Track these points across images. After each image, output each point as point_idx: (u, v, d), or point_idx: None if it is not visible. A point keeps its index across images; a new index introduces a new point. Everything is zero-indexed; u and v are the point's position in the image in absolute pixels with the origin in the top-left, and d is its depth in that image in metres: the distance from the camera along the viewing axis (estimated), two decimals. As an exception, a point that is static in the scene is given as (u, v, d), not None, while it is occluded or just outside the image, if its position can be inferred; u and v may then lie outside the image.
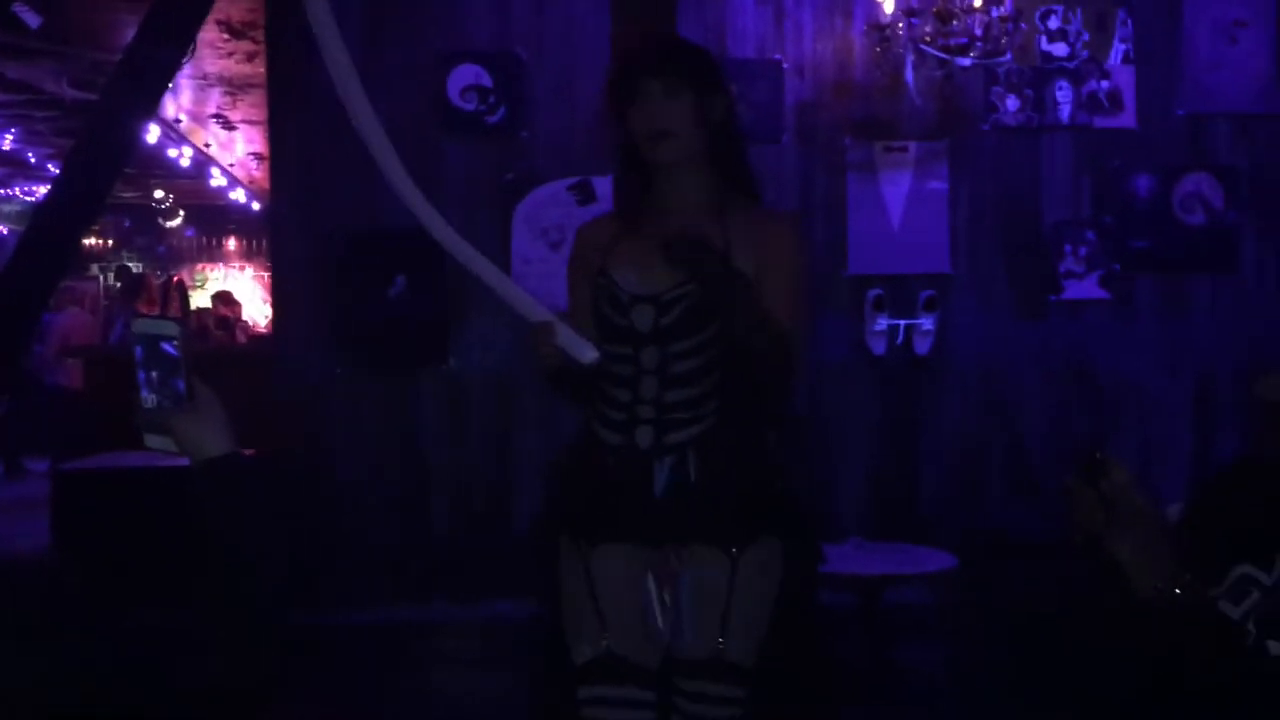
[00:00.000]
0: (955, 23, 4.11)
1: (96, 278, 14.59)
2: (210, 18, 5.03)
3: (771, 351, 2.16)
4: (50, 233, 4.48)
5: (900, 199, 4.91)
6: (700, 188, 2.24)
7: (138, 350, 1.43)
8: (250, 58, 6.43)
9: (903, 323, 4.90)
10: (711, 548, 2.20)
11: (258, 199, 12.56)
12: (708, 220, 2.21)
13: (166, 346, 1.41)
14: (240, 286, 14.06)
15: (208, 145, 9.77)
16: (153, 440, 1.45)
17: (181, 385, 1.40)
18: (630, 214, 2.30)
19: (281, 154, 4.87)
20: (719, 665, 2.19)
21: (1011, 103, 4.96)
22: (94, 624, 1.23)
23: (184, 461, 1.41)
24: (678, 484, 2.20)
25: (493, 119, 4.76)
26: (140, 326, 1.45)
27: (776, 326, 2.15)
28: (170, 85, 5.37)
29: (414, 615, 4.66)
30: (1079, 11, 4.97)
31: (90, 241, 14.04)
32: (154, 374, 1.42)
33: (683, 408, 2.21)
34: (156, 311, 8.25)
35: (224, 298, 11.33)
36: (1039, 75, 4.96)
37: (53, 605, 1.22)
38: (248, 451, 1.45)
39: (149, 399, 1.43)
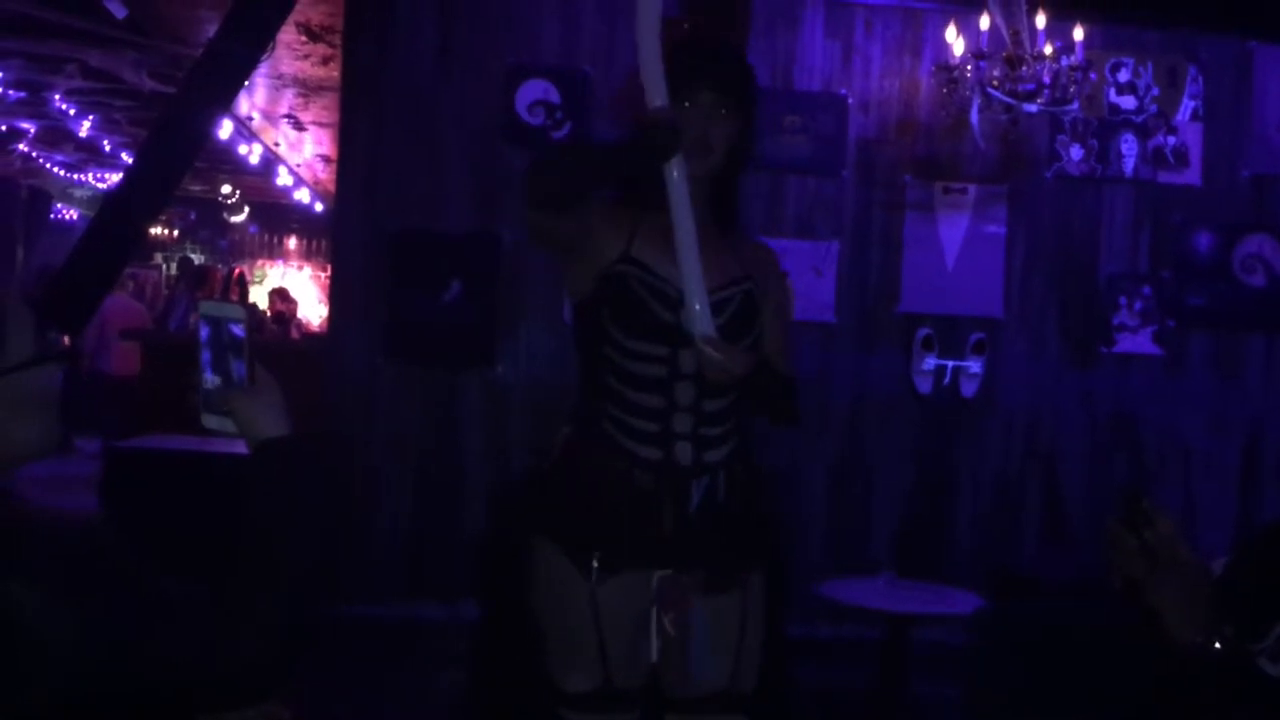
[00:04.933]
0: (1024, 68, 4.10)
1: (159, 266, 14.86)
2: (289, 19, 5.13)
3: (795, 410, 2.25)
4: (119, 220, 4.58)
5: (956, 240, 4.90)
6: (704, 202, 2.19)
7: (203, 331, 1.47)
8: (325, 61, 6.54)
9: (950, 363, 4.88)
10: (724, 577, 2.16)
11: (321, 200, 12.74)
12: (717, 238, 2.19)
13: (233, 328, 1.44)
14: (297, 285, 14.24)
15: (277, 144, 9.93)
16: (210, 420, 1.48)
17: (242, 367, 1.44)
18: (652, 205, 2.15)
19: (349, 156, 4.95)
20: (731, 696, 2.16)
21: (1075, 152, 4.94)
22: (135, 592, 1.25)
23: (237, 446, 1.44)
24: (707, 506, 2.13)
25: (559, 134, 4.81)
26: (207, 309, 1.49)
27: (789, 381, 2.23)
28: (246, 83, 5.48)
29: (440, 614, 4.69)
30: (1149, 66, 4.96)
31: (156, 231, 14.30)
32: (217, 355, 1.46)
33: (717, 420, 2.14)
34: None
35: (281, 294, 11.49)
36: (1105, 127, 4.95)
37: (97, 567, 1.24)
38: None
39: (210, 379, 1.47)
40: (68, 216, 14.56)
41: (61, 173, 12.70)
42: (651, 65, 2.08)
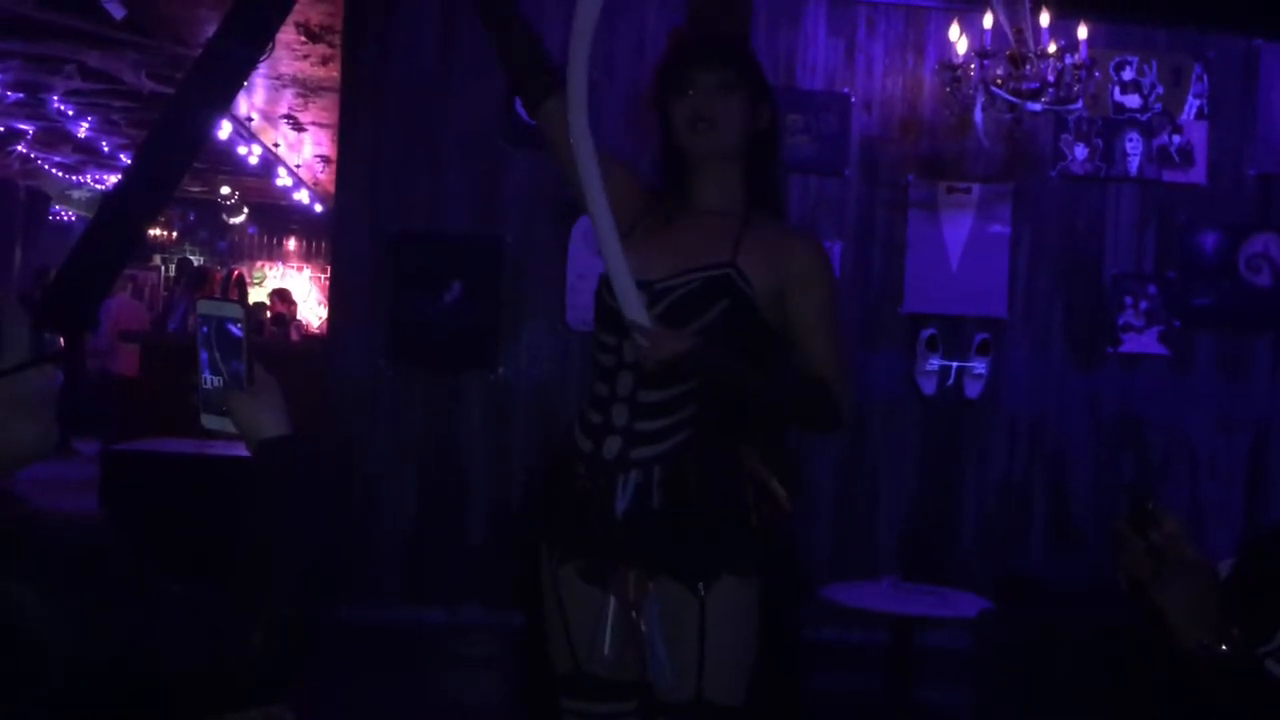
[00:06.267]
0: (1028, 67, 4.08)
1: (158, 268, 14.86)
2: (289, 19, 5.11)
3: (826, 416, 2.13)
4: (118, 221, 4.57)
5: (960, 240, 4.88)
6: (727, 192, 2.16)
7: (202, 330, 1.45)
8: (325, 61, 6.53)
9: (955, 364, 4.86)
10: (677, 583, 2.06)
11: (321, 201, 12.74)
12: (724, 224, 2.13)
13: (231, 327, 1.43)
14: (297, 286, 14.23)
15: (276, 145, 9.93)
16: (210, 421, 1.47)
17: (242, 367, 1.43)
18: (659, 201, 2.20)
19: (349, 157, 4.94)
20: (702, 707, 2.09)
21: (1080, 151, 4.92)
22: (135, 594, 1.24)
23: (235, 448, 1.43)
24: (640, 506, 2.06)
25: (559, 134, 4.79)
26: (205, 308, 1.47)
27: (822, 388, 2.10)
28: (245, 84, 5.47)
29: (441, 618, 4.68)
30: (1154, 64, 4.94)
31: (155, 232, 14.29)
32: (216, 355, 1.44)
33: (656, 413, 2.07)
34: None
35: (281, 295, 11.47)
36: (1110, 125, 4.93)
37: (97, 569, 1.23)
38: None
39: (209, 379, 1.45)
40: (66, 218, 14.56)
41: (60, 174, 12.69)
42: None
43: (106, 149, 10.73)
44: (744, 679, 2.12)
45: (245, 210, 14.73)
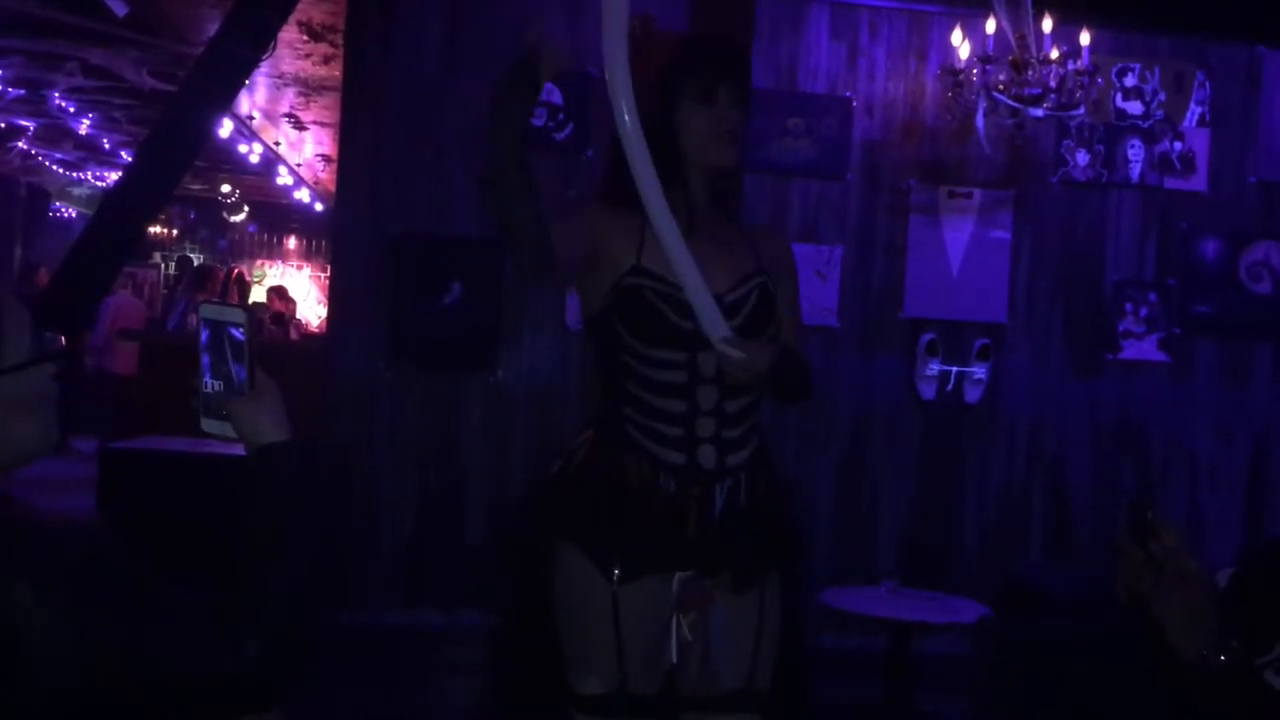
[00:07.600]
0: (1030, 73, 4.08)
1: (158, 266, 14.84)
2: (291, 18, 5.11)
3: (807, 390, 2.27)
4: (118, 218, 4.56)
5: (961, 245, 4.88)
6: (706, 195, 2.23)
7: (204, 334, 1.45)
8: (327, 60, 6.53)
9: (955, 369, 4.86)
10: (744, 580, 2.19)
11: (321, 200, 12.72)
12: (723, 228, 2.24)
13: (234, 332, 1.43)
14: (297, 285, 14.21)
15: (277, 144, 9.91)
16: (210, 425, 1.47)
17: (243, 372, 1.42)
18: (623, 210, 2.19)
19: (350, 156, 4.93)
20: (749, 695, 2.19)
21: (1082, 157, 4.92)
22: (133, 596, 1.24)
23: (233, 447, 1.43)
24: (730, 510, 2.15)
25: (560, 135, 4.79)
26: (208, 312, 1.47)
27: (805, 365, 2.25)
28: (247, 82, 5.46)
29: (439, 621, 4.67)
30: (1156, 71, 4.94)
31: (155, 230, 14.28)
32: (217, 359, 1.44)
33: (738, 421, 2.16)
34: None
35: (280, 292, 11.45)
36: (1111, 132, 4.93)
37: (96, 571, 1.23)
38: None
39: (210, 384, 1.45)
40: (66, 214, 14.55)
41: (61, 171, 12.69)
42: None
43: (107, 146, 10.72)
44: (773, 664, 2.23)
45: (246, 208, 14.72)
